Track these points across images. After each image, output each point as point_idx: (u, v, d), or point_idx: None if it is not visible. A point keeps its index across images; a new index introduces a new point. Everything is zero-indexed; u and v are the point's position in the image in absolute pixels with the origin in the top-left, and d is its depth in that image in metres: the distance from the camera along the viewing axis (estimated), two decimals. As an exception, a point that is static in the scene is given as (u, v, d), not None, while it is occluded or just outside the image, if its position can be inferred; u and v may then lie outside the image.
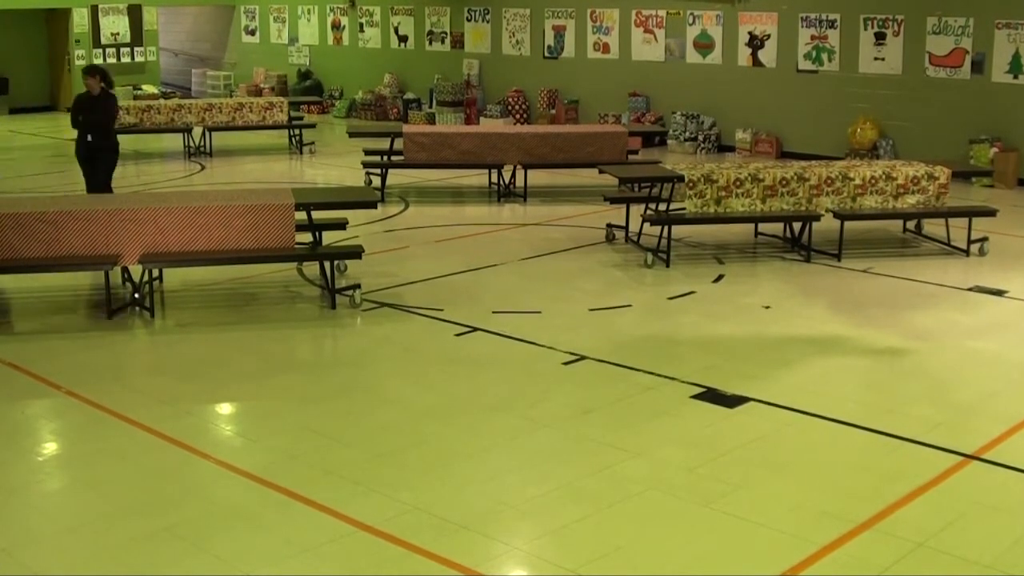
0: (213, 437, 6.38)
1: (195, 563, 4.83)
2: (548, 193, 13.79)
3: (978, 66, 14.65)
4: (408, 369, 7.43)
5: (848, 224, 10.59)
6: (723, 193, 10.39)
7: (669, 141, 17.77)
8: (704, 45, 17.48)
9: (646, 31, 18.09)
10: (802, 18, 16.33)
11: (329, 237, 9.93)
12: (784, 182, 10.47)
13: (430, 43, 21.26)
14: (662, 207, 10.55)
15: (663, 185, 10.52)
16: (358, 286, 8.92)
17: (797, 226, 10.75)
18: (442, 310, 8.67)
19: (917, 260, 10.52)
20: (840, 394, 6.95)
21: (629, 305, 8.92)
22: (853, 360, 7.69)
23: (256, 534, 5.12)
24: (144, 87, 22.82)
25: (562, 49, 19.22)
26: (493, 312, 8.65)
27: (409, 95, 21.30)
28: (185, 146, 16.87)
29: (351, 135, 15.23)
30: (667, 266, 10.09)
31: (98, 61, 22.51)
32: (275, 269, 9.84)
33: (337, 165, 16.25)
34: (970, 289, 9.46)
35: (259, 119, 17.08)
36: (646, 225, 10.61)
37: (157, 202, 8.94)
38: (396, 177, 14.27)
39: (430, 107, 20.69)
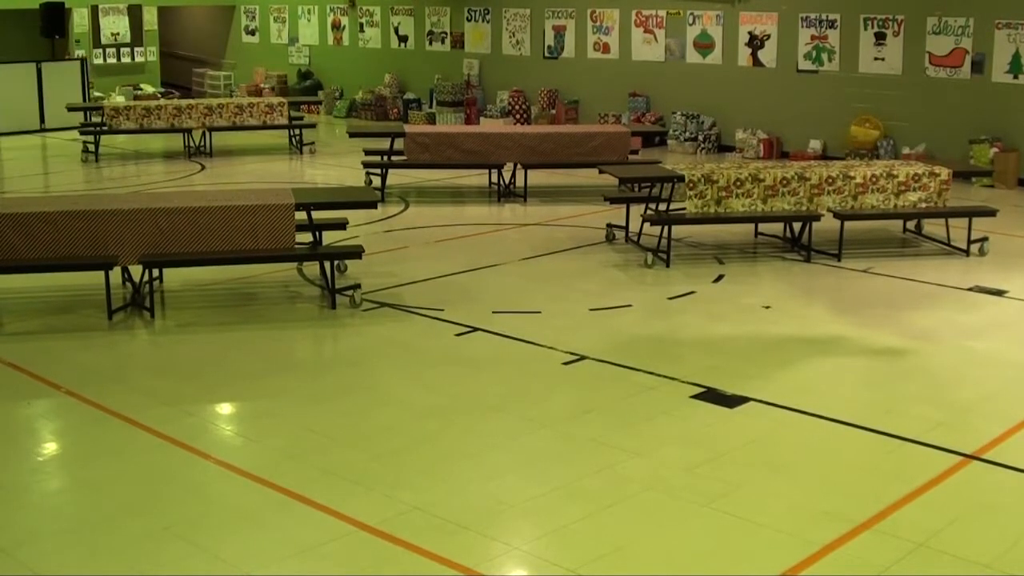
0: (213, 437, 6.38)
1: (195, 563, 4.84)
2: (548, 193, 13.79)
3: (978, 66, 14.64)
4: (408, 369, 7.43)
5: (848, 224, 10.59)
6: (723, 193, 10.39)
7: (669, 141, 17.77)
8: (704, 45, 17.48)
9: (646, 31, 18.09)
10: (802, 18, 16.33)
11: (329, 237, 9.93)
12: (785, 182, 10.47)
13: (430, 43, 21.26)
14: (662, 207, 10.55)
15: (663, 185, 10.52)
16: (358, 286, 8.92)
17: (797, 226, 10.75)
18: (442, 310, 8.67)
19: (917, 260, 10.52)
20: (840, 394, 6.95)
21: (629, 305, 8.92)
22: (853, 360, 7.69)
23: (256, 534, 5.12)
24: (144, 87, 22.83)
25: (562, 49, 19.22)
26: (493, 312, 8.65)
27: (409, 95, 21.30)
28: (185, 146, 16.87)
29: (351, 135, 15.23)
30: (667, 266, 10.09)
31: (98, 61, 22.52)
32: (275, 269, 9.84)
33: (337, 165, 16.25)
34: (970, 289, 9.46)
35: (260, 123, 17.06)
36: (646, 225, 10.61)
37: (157, 202, 8.94)
38: (396, 177, 14.27)
39: (430, 107, 20.69)
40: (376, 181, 13.56)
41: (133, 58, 23.32)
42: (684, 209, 10.46)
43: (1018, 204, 13.21)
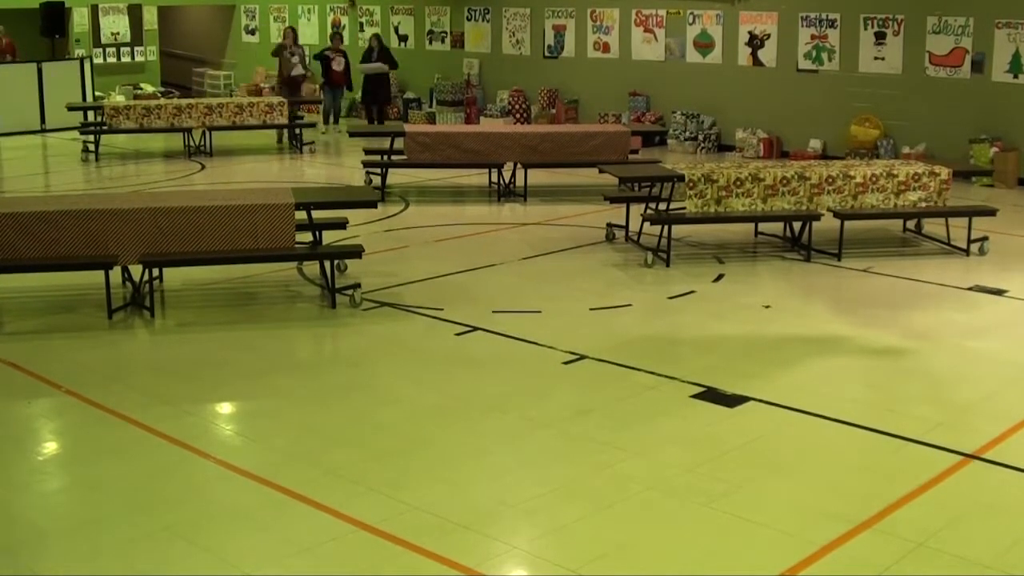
0: (213, 437, 6.38)
1: (195, 563, 4.84)
2: (548, 193, 13.79)
3: (978, 66, 14.64)
4: (408, 369, 7.43)
5: (848, 223, 10.59)
6: (723, 193, 10.39)
7: (669, 140, 17.77)
8: (704, 45, 17.47)
9: (646, 31, 18.09)
10: (802, 18, 16.33)
11: (329, 236, 9.92)
12: (785, 181, 10.47)
13: (430, 43, 21.25)
14: (662, 206, 10.55)
15: (663, 184, 10.52)
16: (358, 285, 8.92)
17: (797, 226, 10.75)
18: (442, 310, 8.67)
19: (917, 260, 10.52)
20: (840, 394, 6.95)
21: (629, 305, 8.92)
22: (853, 360, 7.69)
23: (256, 534, 5.12)
24: (143, 86, 22.83)
25: (562, 49, 19.22)
26: (493, 312, 8.64)
27: (409, 95, 21.30)
28: (185, 145, 16.86)
29: (351, 135, 15.23)
30: (667, 265, 10.09)
31: (98, 61, 22.52)
32: (275, 269, 9.84)
33: (337, 165, 16.25)
34: (970, 289, 9.46)
35: (260, 122, 17.04)
36: (646, 224, 10.61)
37: (157, 202, 8.94)
38: (396, 177, 14.26)
39: (430, 107, 20.69)
40: (376, 180, 13.56)
41: (133, 57, 23.32)
42: (684, 208, 10.46)
43: (1018, 204, 13.20)
